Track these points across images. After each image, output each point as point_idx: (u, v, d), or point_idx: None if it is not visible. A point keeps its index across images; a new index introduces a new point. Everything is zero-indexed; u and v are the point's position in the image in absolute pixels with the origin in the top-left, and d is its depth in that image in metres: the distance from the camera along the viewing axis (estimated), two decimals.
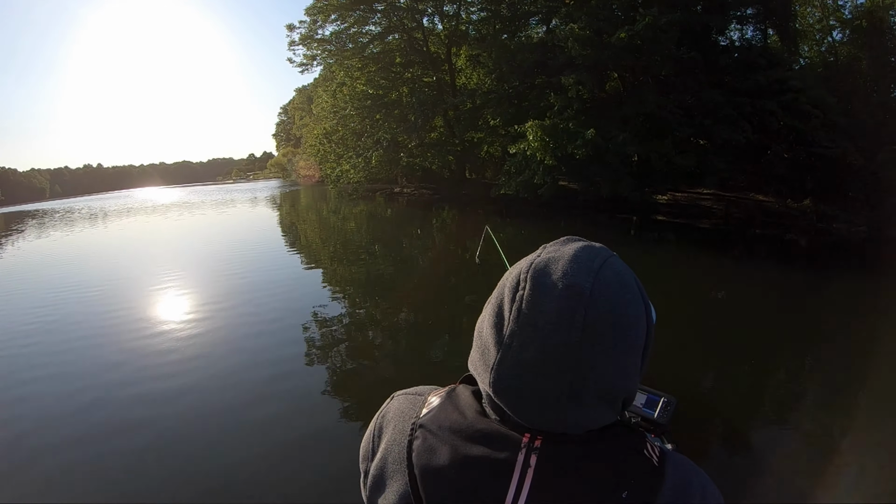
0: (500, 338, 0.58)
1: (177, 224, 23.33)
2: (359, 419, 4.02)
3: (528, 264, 0.60)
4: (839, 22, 18.08)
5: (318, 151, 32.05)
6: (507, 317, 0.58)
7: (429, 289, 8.25)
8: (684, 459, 0.64)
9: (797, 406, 4.09)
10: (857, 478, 3.19)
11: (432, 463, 0.60)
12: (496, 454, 0.57)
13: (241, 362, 5.27)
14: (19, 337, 6.71)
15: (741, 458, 3.40)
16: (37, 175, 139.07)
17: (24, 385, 5.08)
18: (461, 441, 0.60)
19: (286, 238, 16.32)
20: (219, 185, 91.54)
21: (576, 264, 0.57)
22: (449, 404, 0.65)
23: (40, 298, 8.91)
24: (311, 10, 22.88)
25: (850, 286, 7.70)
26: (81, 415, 4.33)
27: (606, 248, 0.62)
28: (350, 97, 24.67)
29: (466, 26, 22.57)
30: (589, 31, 15.04)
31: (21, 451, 3.85)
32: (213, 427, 4.03)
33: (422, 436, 0.62)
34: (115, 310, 7.77)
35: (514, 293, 0.59)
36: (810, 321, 6.22)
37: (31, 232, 25.22)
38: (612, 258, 0.60)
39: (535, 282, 0.57)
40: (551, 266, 0.58)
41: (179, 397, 4.53)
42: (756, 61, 15.31)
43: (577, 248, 0.60)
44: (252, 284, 8.96)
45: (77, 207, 49.22)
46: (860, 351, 5.00)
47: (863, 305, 6.70)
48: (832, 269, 9.08)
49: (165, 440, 3.83)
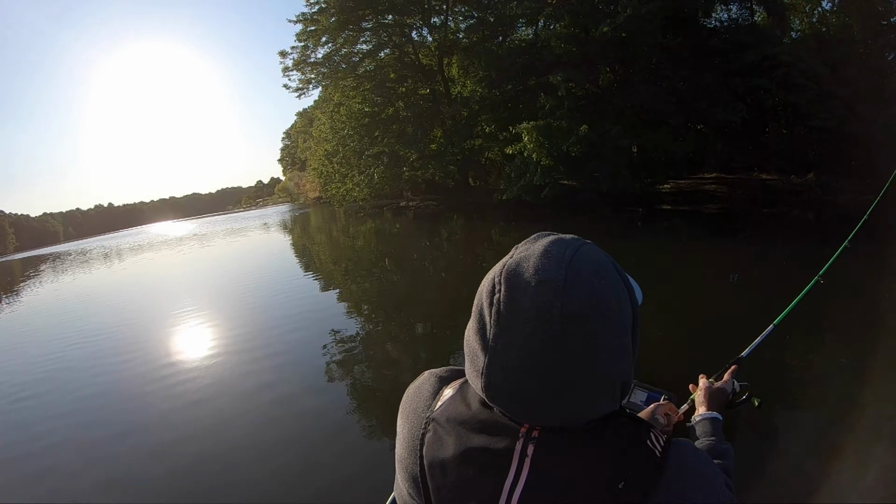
0: (484, 343, 0.59)
1: (192, 257, 23.58)
2: (375, 434, 4.08)
3: (500, 267, 0.60)
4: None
5: (321, 173, 32.37)
6: (488, 321, 0.59)
7: (441, 300, 8.36)
8: (692, 450, 0.64)
9: (800, 405, 3.94)
10: (857, 478, 3.10)
11: (438, 454, 0.63)
12: (496, 444, 0.60)
13: (261, 385, 5.36)
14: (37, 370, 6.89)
15: (741, 458, 3.34)
16: (49, 219, 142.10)
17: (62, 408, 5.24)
18: (465, 432, 0.62)
19: (300, 261, 16.47)
20: (229, 214, 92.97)
21: (546, 259, 0.58)
22: (458, 396, 0.68)
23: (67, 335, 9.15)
24: (302, 36, 23.21)
25: (863, 257, 7.42)
26: (110, 442, 4.51)
27: (579, 237, 0.63)
28: (347, 117, 24.94)
29: (455, 35, 22.69)
30: (573, 28, 15.12)
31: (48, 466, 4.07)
32: (233, 448, 4.13)
33: (433, 429, 0.66)
34: (137, 344, 7.97)
35: (492, 297, 0.59)
36: (820, 305, 5.87)
37: (46, 275, 25.71)
38: (584, 246, 0.61)
39: (510, 283, 0.58)
40: (523, 265, 0.59)
41: (202, 421, 4.68)
42: (744, 40, 15.24)
43: (547, 242, 0.61)
44: (270, 308, 9.11)
45: (90, 248, 50.00)
46: (869, 339, 4.57)
47: (879, 279, 6.20)
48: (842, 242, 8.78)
49: (191, 463, 3.96)
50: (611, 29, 14.13)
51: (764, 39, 15.50)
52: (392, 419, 0.76)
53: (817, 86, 14.35)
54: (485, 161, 23.51)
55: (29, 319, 13.35)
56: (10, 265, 48.23)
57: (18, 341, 10.10)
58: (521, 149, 15.37)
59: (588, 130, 13.79)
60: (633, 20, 13.84)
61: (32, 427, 5.26)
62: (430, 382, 0.75)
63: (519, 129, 15.18)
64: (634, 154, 15.75)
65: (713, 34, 16.50)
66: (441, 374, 0.77)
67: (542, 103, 15.43)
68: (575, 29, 15.35)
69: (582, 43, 15.16)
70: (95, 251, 42.09)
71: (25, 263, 44.09)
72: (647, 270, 7.74)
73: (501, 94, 18.85)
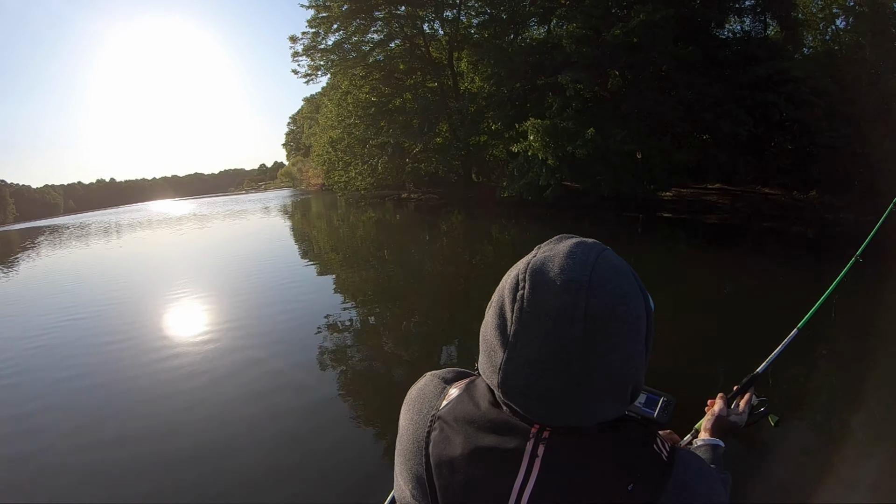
0: (504, 339, 0.60)
1: (192, 237, 23.56)
2: (369, 424, 3.97)
3: (525, 264, 0.61)
4: (842, 10, 17.93)
5: (324, 160, 32.32)
6: (509, 318, 0.59)
7: (439, 294, 8.36)
8: (694, 457, 0.65)
9: (800, 405, 4.01)
10: (857, 479, 3.15)
11: (446, 453, 0.63)
12: (506, 444, 0.60)
13: (261, 373, 5.29)
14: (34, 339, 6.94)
15: (741, 459, 3.35)
16: (50, 191, 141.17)
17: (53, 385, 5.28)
18: (474, 431, 0.62)
19: (300, 247, 16.51)
20: (231, 196, 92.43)
21: (572, 260, 0.59)
22: (466, 396, 0.67)
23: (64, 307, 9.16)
24: (314, 22, 23.13)
25: (860, 277, 7.48)
26: (97, 425, 4.47)
27: (600, 242, 0.64)
28: (354, 106, 24.90)
29: (467, 30, 22.63)
30: (585, 29, 15.09)
31: (45, 454, 4.00)
32: (230, 432, 4.10)
33: (439, 427, 0.65)
34: (136, 321, 7.96)
35: (515, 293, 0.59)
36: (820, 316, 6.03)
37: (43, 248, 25.67)
38: (606, 251, 0.62)
39: (534, 280, 0.58)
40: (548, 264, 0.59)
41: (195, 404, 4.65)
42: (755, 53, 15.25)
43: (572, 244, 0.62)
44: (270, 292, 9.17)
45: (90, 222, 49.88)
46: (868, 348, 4.81)
47: (875, 297, 6.38)
48: (841, 261, 8.83)
49: (184, 448, 3.91)
50: (622, 33, 14.09)
51: (775, 54, 15.50)
52: (387, 414, 0.76)
53: (825, 104, 14.37)
54: (489, 158, 23.51)
55: (22, 291, 13.36)
56: (8, 235, 48.15)
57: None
58: (526, 147, 15.34)
59: (594, 133, 13.77)
60: (644, 26, 13.82)
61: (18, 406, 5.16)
62: (434, 383, 0.74)
63: (525, 126, 15.16)
64: (638, 160, 15.73)
65: (725, 45, 16.51)
66: (444, 374, 0.77)
67: (550, 103, 15.42)
68: (587, 30, 15.30)
69: (593, 45, 15.12)
70: (94, 226, 42.01)
71: (23, 234, 43.98)
72: (646, 278, 7.71)
73: (509, 92, 18.81)
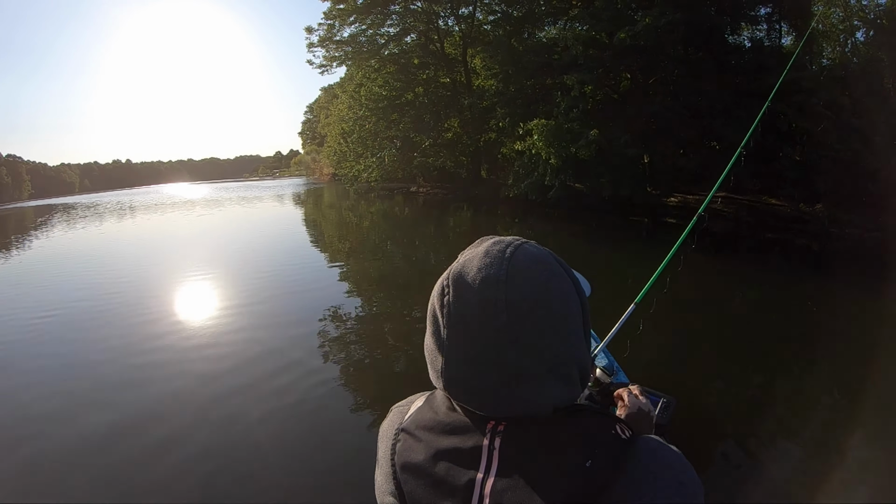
0: (440, 344, 0.63)
1: (206, 220, 23.96)
2: (372, 416, 4.15)
3: (448, 272, 0.64)
4: (862, 22, 17.66)
5: (335, 151, 32.55)
6: (441, 323, 0.62)
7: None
8: (660, 442, 0.64)
9: (799, 410, 4.07)
10: (857, 479, 3.21)
11: (410, 460, 0.64)
12: (465, 443, 0.61)
13: (272, 365, 5.32)
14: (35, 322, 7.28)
15: (742, 459, 3.42)
16: (66, 170, 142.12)
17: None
18: (434, 436, 0.64)
19: (312, 236, 16.85)
20: (245, 182, 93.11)
21: (488, 258, 0.61)
22: (426, 406, 0.70)
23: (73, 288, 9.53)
24: (330, 14, 23.34)
25: (861, 292, 7.50)
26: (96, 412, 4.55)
27: (519, 237, 0.66)
28: (366, 98, 25.06)
29: (482, 27, 22.63)
30: (593, 32, 15.04)
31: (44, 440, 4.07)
32: (231, 421, 4.19)
33: (403, 438, 0.67)
34: (145, 302, 8.19)
35: (442, 300, 0.63)
36: (820, 327, 6.12)
37: (58, 225, 26.03)
38: (524, 244, 0.64)
39: (457, 284, 0.62)
40: (468, 266, 0.62)
41: (198, 390, 4.79)
42: (767, 62, 15.12)
43: (488, 244, 0.64)
44: (280, 279, 9.39)
45: (105, 201, 50.46)
46: (866, 357, 4.90)
47: (873, 311, 6.54)
48: (844, 275, 8.72)
49: (183, 437, 3.99)
50: (629, 36, 13.98)
51: (787, 64, 15.30)
52: (383, 409, 0.80)
53: (836, 117, 14.24)
54: (499, 156, 23.50)
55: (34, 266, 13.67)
56: (22, 211, 48.93)
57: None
58: (530, 146, 15.35)
59: (598, 135, 13.72)
60: (651, 30, 13.71)
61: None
62: (398, 410, 0.76)
63: (530, 125, 15.14)
64: (644, 164, 15.69)
65: (736, 52, 16.35)
66: (409, 399, 0.78)
67: (558, 102, 15.40)
68: (595, 32, 15.25)
69: (600, 47, 15.07)
70: (108, 205, 42.49)
71: (38, 211, 44.67)
72: (658, 284, 7.75)
73: (517, 90, 18.78)
